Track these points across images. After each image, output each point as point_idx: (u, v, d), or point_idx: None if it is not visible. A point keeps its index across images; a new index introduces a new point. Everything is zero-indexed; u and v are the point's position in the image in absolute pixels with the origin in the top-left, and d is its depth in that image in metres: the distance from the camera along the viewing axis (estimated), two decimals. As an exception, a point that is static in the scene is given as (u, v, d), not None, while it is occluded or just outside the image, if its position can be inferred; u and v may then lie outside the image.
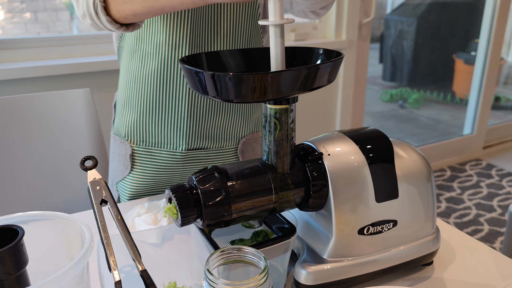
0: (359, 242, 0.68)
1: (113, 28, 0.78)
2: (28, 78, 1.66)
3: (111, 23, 0.77)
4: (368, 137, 0.70)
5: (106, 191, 0.63)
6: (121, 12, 0.76)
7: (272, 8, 0.59)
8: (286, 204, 0.65)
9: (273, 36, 0.60)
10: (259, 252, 0.48)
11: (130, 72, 0.95)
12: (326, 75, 0.60)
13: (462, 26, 4.34)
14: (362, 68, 2.55)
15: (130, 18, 0.77)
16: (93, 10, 0.77)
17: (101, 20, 0.77)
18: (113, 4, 0.76)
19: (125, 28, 0.80)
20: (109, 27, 0.78)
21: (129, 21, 0.78)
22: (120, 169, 1.03)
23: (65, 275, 0.47)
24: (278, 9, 0.59)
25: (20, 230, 0.51)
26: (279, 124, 0.63)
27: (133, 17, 0.76)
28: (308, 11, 0.96)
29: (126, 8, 0.75)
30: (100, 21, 0.78)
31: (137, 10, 0.74)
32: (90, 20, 0.79)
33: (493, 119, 3.72)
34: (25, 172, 1.24)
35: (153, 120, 0.96)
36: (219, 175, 0.61)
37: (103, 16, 0.76)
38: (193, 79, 0.58)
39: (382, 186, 0.67)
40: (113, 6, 0.76)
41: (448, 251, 0.81)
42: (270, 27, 0.59)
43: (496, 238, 2.37)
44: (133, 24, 0.81)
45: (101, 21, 0.78)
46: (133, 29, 0.81)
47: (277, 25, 0.59)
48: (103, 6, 0.76)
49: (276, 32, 0.60)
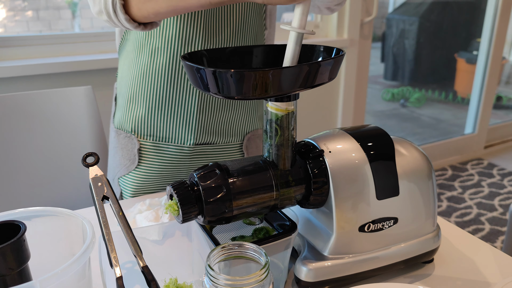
0: (360, 239, 0.68)
1: (131, 26, 0.76)
2: (30, 76, 1.66)
3: (129, 22, 0.75)
4: (369, 135, 0.70)
5: (108, 188, 0.63)
6: (142, 11, 0.73)
7: (298, 15, 0.59)
8: (287, 201, 0.65)
9: (292, 42, 0.60)
10: (260, 248, 0.48)
11: (138, 66, 0.94)
12: (327, 72, 0.60)
13: (464, 25, 4.34)
14: (364, 67, 2.55)
15: (152, 17, 0.74)
16: (111, 8, 0.74)
17: (119, 19, 0.75)
18: (134, 3, 0.73)
19: (142, 27, 0.77)
20: (126, 25, 0.76)
21: (149, 20, 0.76)
22: (125, 164, 1.02)
23: (66, 271, 0.47)
24: (304, 17, 0.59)
25: (22, 225, 0.52)
26: (280, 130, 0.63)
27: (155, 16, 0.74)
28: (324, 7, 0.96)
29: (148, 7, 0.72)
30: (118, 19, 0.76)
31: (161, 9, 0.72)
32: (106, 17, 0.77)
33: (494, 118, 3.72)
34: (27, 168, 1.24)
35: (162, 114, 0.96)
36: (220, 172, 0.61)
37: (122, 15, 0.74)
38: (194, 76, 0.58)
39: (383, 184, 0.67)
40: (134, 4, 0.73)
41: (448, 248, 0.81)
42: (291, 32, 0.59)
43: (497, 237, 2.37)
44: (151, 23, 0.78)
45: (119, 20, 0.75)
46: (151, 28, 0.79)
47: (299, 33, 0.59)
48: (122, 4, 0.73)
49: (297, 39, 0.60)
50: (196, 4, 0.68)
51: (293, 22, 0.59)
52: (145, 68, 0.93)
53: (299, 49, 0.60)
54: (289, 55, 0.60)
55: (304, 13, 0.59)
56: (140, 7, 0.73)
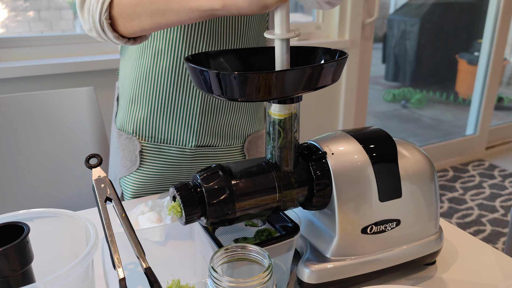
0: (362, 241, 0.68)
1: (120, 42, 0.78)
2: (31, 77, 1.67)
3: (118, 39, 0.77)
4: (372, 137, 0.70)
5: (111, 189, 0.63)
6: (128, 28, 0.76)
7: (278, 20, 0.58)
8: (289, 203, 0.65)
9: (278, 49, 0.59)
10: (263, 250, 0.48)
11: (141, 68, 0.95)
12: (330, 74, 0.60)
13: (465, 26, 4.33)
14: (365, 68, 2.55)
15: (138, 33, 0.77)
16: (99, 27, 0.76)
17: (108, 36, 0.77)
18: (120, 22, 0.75)
19: (132, 41, 0.79)
20: (116, 42, 0.78)
21: (137, 35, 0.78)
22: (126, 165, 1.03)
23: (70, 272, 0.47)
24: (284, 22, 0.57)
25: (26, 227, 0.52)
26: (283, 132, 0.63)
27: (141, 32, 0.76)
28: (323, 2, 0.95)
29: (133, 25, 0.75)
30: (106, 37, 0.78)
31: (145, 27, 0.74)
32: (96, 35, 0.79)
33: (496, 119, 3.72)
34: (29, 169, 1.24)
35: (164, 116, 0.96)
36: (223, 174, 0.61)
37: (110, 33, 0.76)
38: (198, 77, 0.59)
39: (385, 186, 0.67)
40: (121, 23, 0.75)
41: (451, 251, 0.81)
42: (276, 41, 0.59)
43: (498, 238, 2.37)
44: (141, 37, 0.81)
45: (107, 37, 0.78)
46: (141, 42, 0.81)
47: (283, 39, 0.58)
48: (109, 23, 0.75)
49: (283, 45, 0.59)
50: (176, 20, 0.70)
51: (276, 29, 0.58)
52: (148, 70, 0.93)
53: (288, 54, 0.60)
54: (278, 61, 0.60)
55: (283, 17, 0.57)
56: (126, 25, 0.75)
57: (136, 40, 0.80)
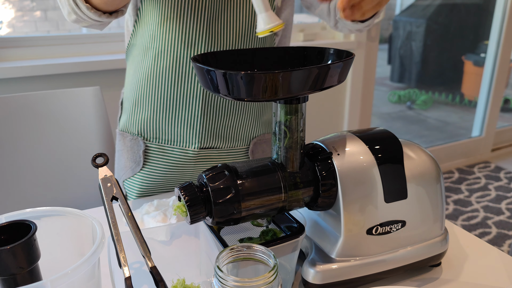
0: (368, 242, 0.68)
1: (95, 16, 0.78)
2: (38, 76, 1.68)
3: (92, 11, 0.77)
4: (378, 138, 0.70)
5: (117, 188, 0.63)
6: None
7: None
8: (295, 203, 0.65)
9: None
10: (268, 250, 0.48)
11: (143, 70, 0.95)
12: (337, 75, 0.60)
13: (471, 27, 4.32)
14: (371, 69, 2.55)
15: (110, 2, 0.76)
16: (72, 2, 0.76)
17: (81, 10, 0.77)
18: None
19: (108, 15, 0.79)
20: (91, 16, 0.78)
21: (111, 7, 0.78)
22: (130, 166, 1.03)
23: (76, 271, 0.47)
24: None
25: (33, 225, 0.52)
26: (289, 132, 0.63)
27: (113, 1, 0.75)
28: (355, 29, 0.98)
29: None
30: (81, 11, 0.77)
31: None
32: (74, 16, 0.79)
33: (502, 121, 3.70)
34: (35, 168, 1.25)
35: (166, 118, 0.96)
36: (229, 173, 0.61)
37: (82, 4, 0.76)
38: (204, 77, 0.59)
39: (391, 187, 0.67)
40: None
41: (456, 252, 0.80)
42: None
43: (504, 241, 2.35)
44: (116, 12, 0.80)
45: (82, 11, 0.77)
46: (117, 16, 0.81)
47: None
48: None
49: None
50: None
51: None
52: (149, 71, 0.94)
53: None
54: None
55: None
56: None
57: (112, 14, 0.80)
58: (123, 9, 0.82)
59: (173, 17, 0.88)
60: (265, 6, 0.63)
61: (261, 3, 0.61)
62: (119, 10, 0.81)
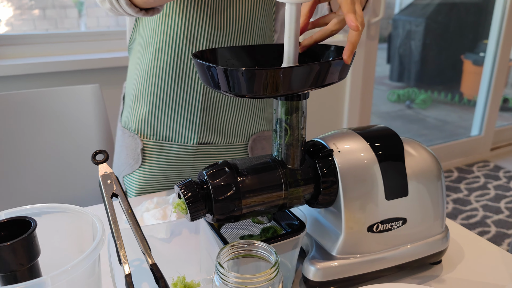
0: (368, 239, 0.67)
1: (132, 11, 0.77)
2: (37, 74, 1.67)
3: (131, 7, 0.77)
4: (378, 135, 0.70)
5: (117, 185, 0.63)
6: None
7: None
8: (295, 200, 0.65)
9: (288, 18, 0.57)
10: (270, 246, 0.48)
11: (143, 65, 0.95)
12: (338, 72, 0.60)
13: (471, 27, 4.32)
14: (370, 68, 2.55)
15: (151, 1, 0.76)
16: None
17: (120, 4, 0.77)
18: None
19: (144, 12, 0.79)
20: (128, 11, 0.78)
21: (150, 5, 0.77)
22: (129, 163, 1.03)
23: (76, 267, 0.47)
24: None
25: (33, 222, 0.52)
26: (290, 130, 0.63)
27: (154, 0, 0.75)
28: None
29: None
30: (119, 5, 0.77)
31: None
32: (109, 5, 0.79)
33: (501, 120, 3.70)
34: (36, 166, 1.25)
35: (165, 113, 0.96)
36: (229, 170, 0.61)
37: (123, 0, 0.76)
38: (205, 73, 0.59)
39: (392, 184, 0.67)
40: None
41: (456, 250, 0.80)
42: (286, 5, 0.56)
43: (503, 240, 2.36)
44: (153, 9, 0.80)
45: (120, 5, 0.77)
46: (153, 14, 0.81)
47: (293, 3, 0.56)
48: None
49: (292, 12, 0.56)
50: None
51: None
52: (150, 66, 0.94)
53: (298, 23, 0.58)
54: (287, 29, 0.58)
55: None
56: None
57: (148, 12, 0.79)
58: (159, 8, 0.81)
59: (176, 12, 0.88)
60: None
61: None
62: (155, 8, 0.81)
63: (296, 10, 0.56)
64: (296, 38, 0.58)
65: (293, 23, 0.57)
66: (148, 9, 0.80)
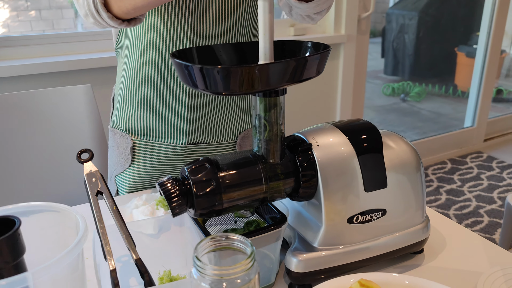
0: (349, 230, 0.69)
1: (115, 24, 0.80)
2: (29, 75, 1.68)
3: (113, 19, 0.79)
4: (358, 129, 0.72)
5: (102, 183, 0.64)
6: (122, 8, 0.78)
7: None
8: (276, 194, 0.67)
9: (261, 11, 0.57)
10: (245, 238, 0.50)
11: (130, 67, 0.96)
12: (314, 67, 0.61)
13: (463, 19, 4.33)
14: (362, 62, 2.56)
15: (132, 12, 0.78)
16: (93, 9, 0.79)
17: (102, 18, 0.79)
18: (113, 1, 0.78)
19: (127, 23, 0.81)
20: (111, 23, 0.80)
21: (131, 16, 0.80)
22: (120, 162, 1.04)
23: (59, 263, 0.48)
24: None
25: (17, 220, 0.53)
26: (268, 126, 0.65)
27: (134, 11, 0.78)
28: (304, 15, 0.98)
29: (126, 3, 0.77)
30: (101, 19, 0.80)
31: (137, 4, 0.76)
32: (92, 19, 0.81)
33: (495, 111, 3.72)
34: (27, 166, 1.26)
35: (153, 114, 0.98)
36: (210, 166, 0.62)
37: (104, 13, 0.78)
38: (183, 72, 0.60)
39: (370, 176, 0.68)
40: (114, 2, 0.78)
41: (438, 239, 0.82)
42: (259, 2, 0.57)
43: (495, 229, 2.38)
44: (135, 19, 0.83)
45: (102, 19, 0.80)
46: (135, 24, 0.83)
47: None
48: (102, 3, 0.78)
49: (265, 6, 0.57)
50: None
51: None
52: (136, 69, 0.95)
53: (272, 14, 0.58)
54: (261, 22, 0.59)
55: None
56: (119, 5, 0.78)
57: (130, 22, 0.82)
58: (140, 17, 0.84)
59: (158, 14, 0.89)
60: None
61: None
62: (137, 18, 0.83)
63: (269, 7, 0.58)
64: (271, 35, 0.60)
65: (267, 20, 0.58)
66: (130, 20, 0.82)
